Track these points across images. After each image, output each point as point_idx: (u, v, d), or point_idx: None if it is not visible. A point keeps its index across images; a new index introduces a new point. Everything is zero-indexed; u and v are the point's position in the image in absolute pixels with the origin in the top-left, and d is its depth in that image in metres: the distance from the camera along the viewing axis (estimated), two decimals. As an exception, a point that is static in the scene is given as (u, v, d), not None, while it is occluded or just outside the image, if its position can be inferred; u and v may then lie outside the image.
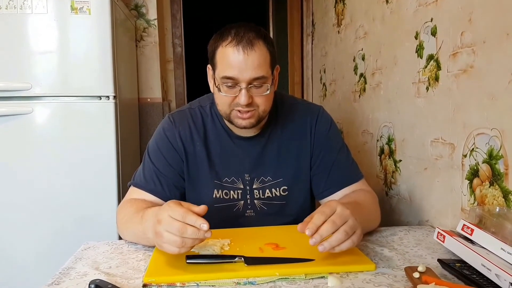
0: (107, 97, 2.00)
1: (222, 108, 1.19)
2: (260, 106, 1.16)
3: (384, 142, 1.79)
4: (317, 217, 0.92)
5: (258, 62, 1.11)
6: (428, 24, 1.38)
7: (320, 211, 0.93)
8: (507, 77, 1.01)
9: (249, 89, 1.12)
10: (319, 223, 0.91)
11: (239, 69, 1.10)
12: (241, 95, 1.12)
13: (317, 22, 2.99)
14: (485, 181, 1.11)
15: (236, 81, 1.12)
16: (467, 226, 0.97)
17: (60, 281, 0.92)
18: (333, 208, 0.94)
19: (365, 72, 2.01)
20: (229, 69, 1.11)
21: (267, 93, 1.15)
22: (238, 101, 1.13)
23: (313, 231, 0.90)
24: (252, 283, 0.89)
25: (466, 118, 1.19)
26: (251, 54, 1.10)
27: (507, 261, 0.84)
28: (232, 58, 1.10)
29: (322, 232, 0.90)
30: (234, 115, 1.17)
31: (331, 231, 0.91)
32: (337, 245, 0.92)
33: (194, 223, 0.90)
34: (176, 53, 3.30)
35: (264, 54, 1.12)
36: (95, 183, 2.00)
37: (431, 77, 1.36)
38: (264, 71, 1.12)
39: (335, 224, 0.91)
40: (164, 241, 0.92)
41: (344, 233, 0.91)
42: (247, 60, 1.09)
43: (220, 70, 1.13)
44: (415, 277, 0.86)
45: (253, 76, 1.11)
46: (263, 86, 1.14)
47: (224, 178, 1.28)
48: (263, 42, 1.12)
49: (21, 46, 1.92)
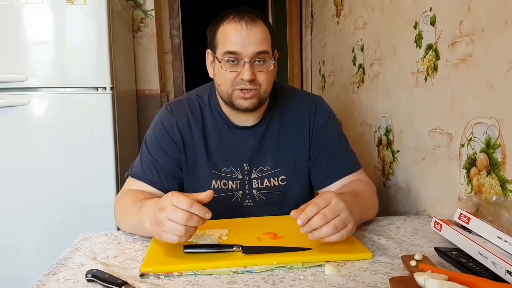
0: (104, 88, 1.99)
1: (224, 87, 1.18)
2: (262, 84, 1.16)
3: (382, 133, 1.78)
4: (310, 208, 0.92)
5: (261, 36, 1.12)
6: (427, 14, 1.37)
7: (314, 202, 0.94)
8: (506, 66, 1.00)
9: (252, 65, 1.13)
10: (311, 215, 0.92)
11: (242, 43, 1.11)
12: (244, 70, 1.12)
13: (316, 13, 2.98)
14: (482, 170, 1.11)
15: (239, 56, 1.12)
16: (464, 215, 0.97)
17: (57, 271, 0.92)
18: (328, 200, 0.94)
19: (364, 63, 2.00)
20: (232, 44, 1.11)
21: (270, 68, 1.15)
22: (241, 77, 1.13)
23: (304, 222, 0.91)
24: (249, 271, 0.89)
25: (464, 107, 1.18)
26: (254, 29, 1.11)
27: (503, 249, 0.84)
28: (234, 33, 1.11)
29: (312, 224, 0.92)
30: (236, 96, 1.17)
31: (321, 223, 0.92)
32: (325, 236, 0.93)
33: (199, 213, 0.90)
34: (174, 44, 3.29)
35: (265, 31, 1.14)
36: (92, 174, 2.00)
37: (430, 67, 1.36)
38: (266, 46, 1.13)
39: (325, 217, 0.92)
40: (165, 229, 0.92)
41: (333, 227, 0.92)
42: (250, 35, 1.10)
43: (222, 46, 1.14)
44: (412, 265, 0.86)
45: (256, 50, 1.11)
46: (266, 62, 1.14)
47: (222, 168, 1.28)
48: (263, 22, 1.14)
49: (16, 37, 1.91)
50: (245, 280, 0.86)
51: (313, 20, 3.05)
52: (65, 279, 0.88)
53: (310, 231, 0.92)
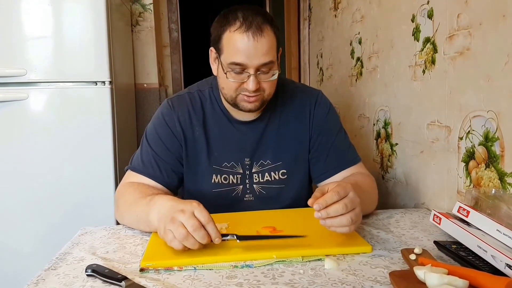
0: (103, 83, 1.98)
1: (228, 92, 1.18)
2: (266, 90, 1.17)
3: (380, 126, 1.78)
4: (331, 195, 0.91)
5: (267, 48, 1.10)
6: (425, 7, 1.37)
7: (335, 190, 0.92)
8: (503, 59, 1.00)
9: (257, 75, 1.12)
10: (330, 202, 0.91)
11: (248, 55, 1.09)
12: (249, 81, 1.12)
13: (314, 6, 2.97)
14: (481, 163, 1.11)
15: (244, 67, 1.11)
16: (463, 208, 0.97)
17: (56, 266, 0.92)
18: (347, 191, 0.94)
19: (361, 56, 2.00)
20: (238, 55, 1.10)
21: (274, 77, 1.15)
22: (245, 86, 1.13)
23: (322, 207, 0.90)
24: (249, 266, 0.89)
25: (462, 100, 1.18)
26: (260, 41, 1.09)
27: (502, 242, 0.84)
28: (241, 44, 1.09)
29: (330, 211, 0.91)
30: (240, 99, 1.17)
31: (340, 213, 0.91)
32: (338, 226, 0.92)
33: (212, 233, 0.91)
34: (173, 38, 3.28)
35: (272, 39, 1.12)
36: (91, 168, 2.00)
37: (428, 60, 1.36)
38: (272, 56, 1.12)
39: (346, 208, 0.91)
40: (171, 228, 0.91)
41: (349, 220, 0.92)
42: (256, 47, 1.09)
43: (228, 55, 1.12)
44: (412, 259, 0.86)
45: (261, 62, 1.11)
46: (270, 72, 1.14)
47: (223, 163, 1.28)
48: (270, 26, 1.12)
49: (15, 31, 1.90)
50: (245, 274, 0.86)
51: (311, 13, 3.04)
52: (65, 274, 0.88)
53: (325, 217, 0.91)
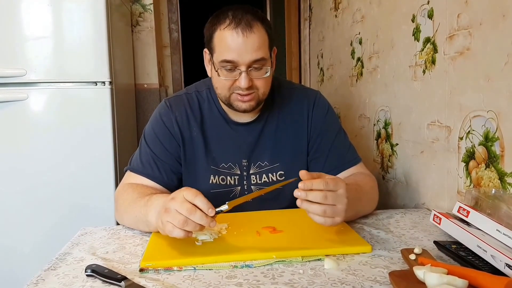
0: (103, 83, 1.98)
1: (222, 91, 1.18)
2: (259, 88, 1.16)
3: (381, 126, 1.78)
4: (318, 183, 0.92)
5: (258, 44, 1.10)
6: (425, 7, 1.37)
7: (326, 180, 0.94)
8: (503, 59, 1.00)
9: (249, 72, 1.12)
10: (316, 188, 0.92)
11: (238, 52, 1.09)
12: (241, 78, 1.12)
13: (314, 6, 2.97)
14: (481, 163, 1.11)
15: (235, 65, 1.11)
16: (463, 208, 0.97)
17: (56, 266, 0.92)
18: (337, 187, 0.95)
19: (362, 56, 2.00)
20: (228, 52, 1.10)
21: (267, 75, 1.15)
22: (238, 84, 1.13)
23: (305, 189, 0.91)
24: (249, 266, 0.89)
25: (462, 100, 1.18)
26: (250, 37, 1.09)
27: (502, 242, 0.84)
28: (230, 41, 1.09)
29: (309, 196, 0.92)
30: (234, 98, 1.17)
31: (317, 201, 0.92)
32: (309, 211, 0.93)
33: (203, 206, 0.91)
34: (173, 38, 3.28)
35: (263, 35, 1.12)
36: (91, 169, 1.99)
37: (428, 60, 1.36)
38: (263, 53, 1.12)
39: (324, 199, 0.92)
40: (168, 219, 0.91)
41: (322, 211, 0.92)
42: (246, 43, 1.09)
43: (219, 53, 1.12)
44: (411, 259, 0.86)
45: (252, 59, 1.10)
46: (262, 69, 1.14)
47: (221, 164, 1.28)
48: (261, 24, 1.12)
49: (15, 31, 1.90)
50: (245, 274, 0.86)
51: (311, 13, 3.04)
52: (65, 274, 0.88)
53: (303, 198, 0.92)
